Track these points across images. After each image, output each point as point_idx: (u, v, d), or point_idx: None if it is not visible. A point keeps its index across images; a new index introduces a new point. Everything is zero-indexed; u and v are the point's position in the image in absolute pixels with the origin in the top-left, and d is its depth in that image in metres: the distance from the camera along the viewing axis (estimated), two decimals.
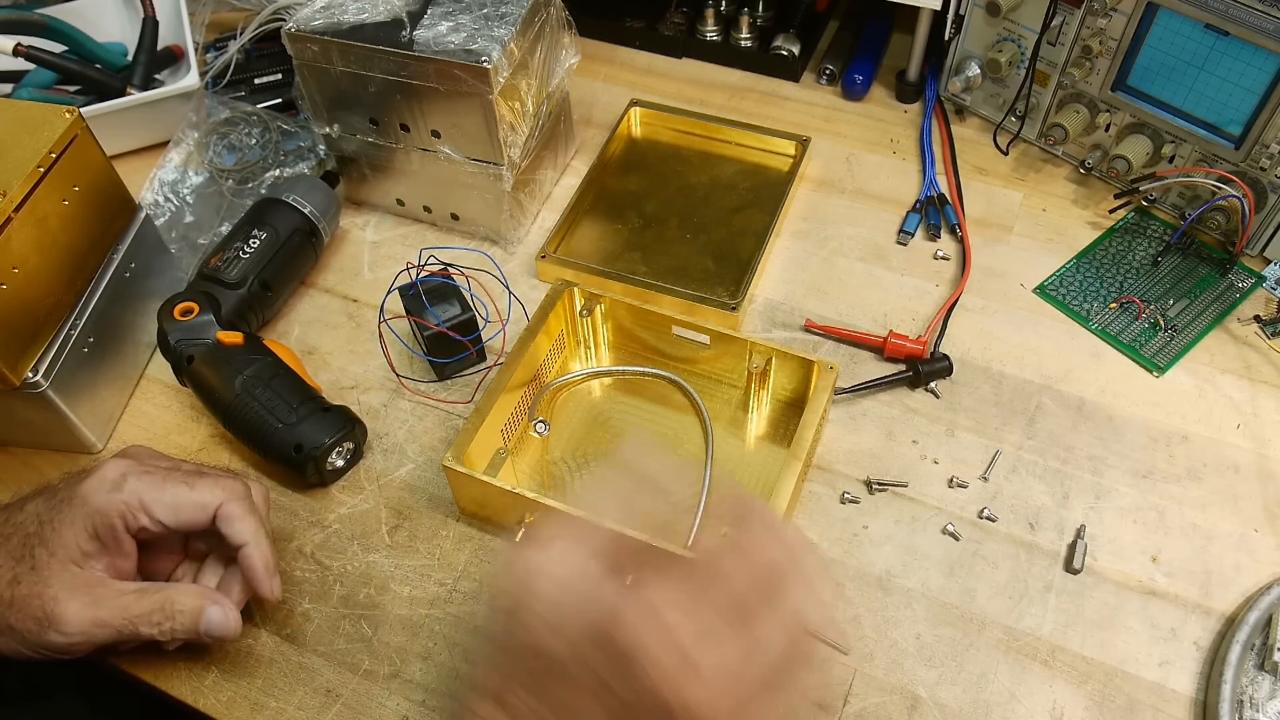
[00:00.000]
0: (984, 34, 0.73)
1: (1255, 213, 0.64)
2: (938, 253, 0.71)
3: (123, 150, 0.80)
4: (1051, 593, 0.54)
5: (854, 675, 0.52)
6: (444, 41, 0.62)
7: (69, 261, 0.59)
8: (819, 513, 0.58)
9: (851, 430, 0.61)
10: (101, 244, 0.62)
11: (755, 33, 0.84)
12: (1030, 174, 0.75)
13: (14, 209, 0.54)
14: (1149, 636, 0.53)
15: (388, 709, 0.52)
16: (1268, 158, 0.62)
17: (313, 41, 0.64)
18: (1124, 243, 0.70)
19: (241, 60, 0.82)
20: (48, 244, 0.57)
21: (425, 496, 0.60)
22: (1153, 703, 0.50)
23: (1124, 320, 0.66)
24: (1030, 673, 0.52)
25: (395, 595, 0.56)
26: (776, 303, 0.68)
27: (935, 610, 0.54)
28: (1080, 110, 0.70)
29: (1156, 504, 0.57)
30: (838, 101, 0.82)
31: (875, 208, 0.74)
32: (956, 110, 0.80)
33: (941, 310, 0.66)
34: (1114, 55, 0.67)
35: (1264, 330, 0.65)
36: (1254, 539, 0.56)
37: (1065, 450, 0.60)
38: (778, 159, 0.77)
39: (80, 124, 0.58)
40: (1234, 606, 0.53)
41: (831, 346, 0.66)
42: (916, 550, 0.56)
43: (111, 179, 0.62)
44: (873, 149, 0.78)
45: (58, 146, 0.57)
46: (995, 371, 0.64)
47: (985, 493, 0.58)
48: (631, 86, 0.84)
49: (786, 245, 0.72)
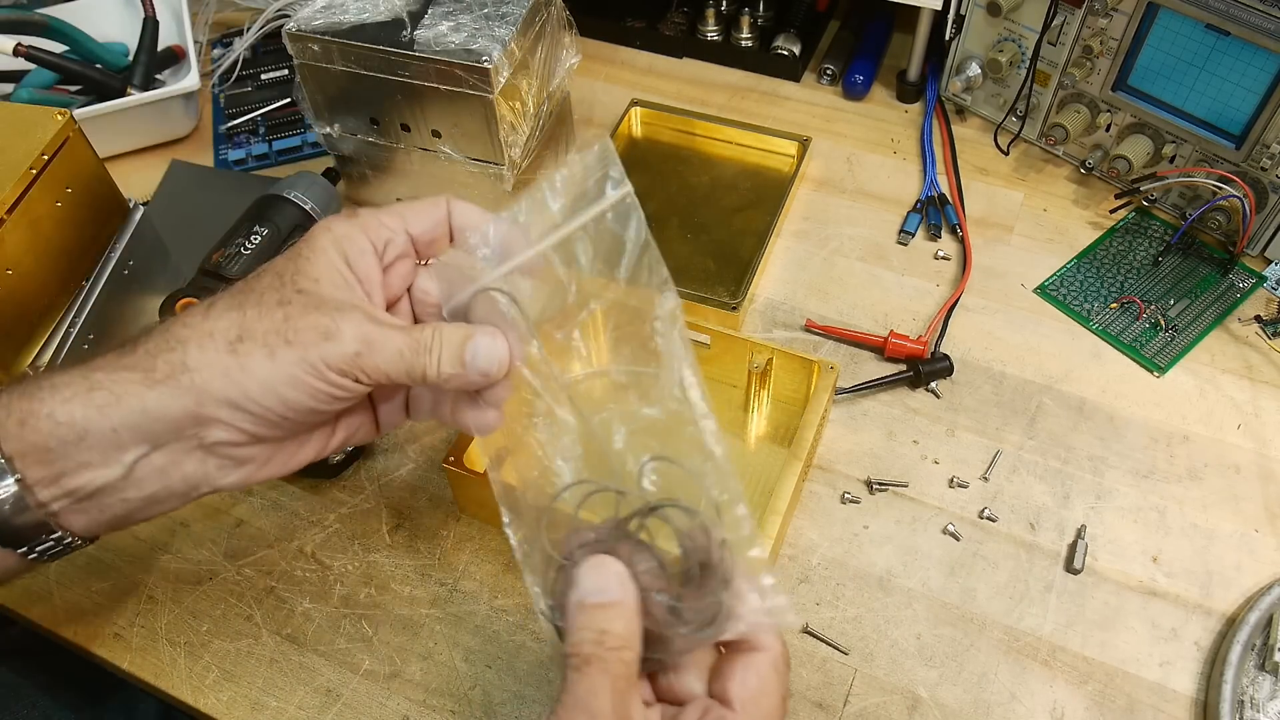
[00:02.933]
0: (985, 34, 0.73)
1: (1256, 213, 0.64)
2: (938, 253, 0.71)
3: (123, 150, 0.80)
4: (1052, 593, 0.54)
5: (854, 675, 0.52)
6: (444, 41, 0.62)
7: (63, 263, 0.59)
8: (819, 513, 0.58)
9: (852, 430, 0.61)
10: (95, 244, 0.62)
11: (756, 33, 0.84)
12: (1031, 174, 0.75)
13: (6, 211, 0.54)
14: (1149, 636, 0.53)
15: (388, 709, 0.52)
16: (1268, 158, 0.62)
17: (313, 41, 0.64)
18: (1125, 243, 0.70)
19: (248, 56, 0.82)
20: (41, 246, 0.57)
21: (425, 496, 0.60)
22: (1153, 703, 0.50)
23: (1125, 320, 0.66)
24: (1031, 673, 0.52)
25: (395, 595, 0.56)
26: (777, 303, 0.68)
27: (936, 610, 0.54)
28: (1081, 110, 0.70)
29: (1157, 504, 0.57)
30: (838, 101, 0.82)
31: (876, 208, 0.74)
32: (957, 110, 0.80)
33: (942, 310, 0.66)
34: (1115, 55, 0.67)
35: (1265, 330, 0.64)
36: (1255, 539, 0.56)
37: (1066, 450, 0.60)
38: (778, 159, 0.77)
39: (72, 126, 0.58)
40: (1235, 607, 0.53)
41: (832, 346, 0.66)
42: (917, 550, 0.56)
43: (104, 180, 0.62)
44: (873, 149, 0.78)
45: (50, 148, 0.57)
46: (996, 371, 0.64)
47: (986, 493, 0.58)
48: (632, 86, 0.84)
49: (787, 245, 0.72)
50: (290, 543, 0.58)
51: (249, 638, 0.54)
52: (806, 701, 0.51)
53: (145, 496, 0.40)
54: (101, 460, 0.39)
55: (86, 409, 0.38)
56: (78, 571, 0.57)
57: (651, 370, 0.41)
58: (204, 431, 0.39)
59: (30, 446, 0.38)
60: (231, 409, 0.39)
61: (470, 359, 0.41)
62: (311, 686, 0.53)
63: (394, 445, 0.62)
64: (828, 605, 0.54)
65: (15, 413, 0.39)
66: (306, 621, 0.55)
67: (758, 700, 0.37)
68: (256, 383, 0.39)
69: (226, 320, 0.39)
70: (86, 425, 0.38)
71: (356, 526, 0.59)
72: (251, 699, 0.52)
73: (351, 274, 0.42)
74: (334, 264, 0.41)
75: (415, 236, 0.44)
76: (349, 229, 0.42)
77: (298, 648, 0.54)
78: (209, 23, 0.86)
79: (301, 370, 0.39)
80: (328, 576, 0.57)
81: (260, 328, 0.39)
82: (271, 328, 0.39)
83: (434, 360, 0.41)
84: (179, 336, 0.39)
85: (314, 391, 0.39)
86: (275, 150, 0.80)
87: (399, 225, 0.43)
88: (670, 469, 0.40)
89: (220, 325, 0.39)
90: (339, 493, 0.60)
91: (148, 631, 0.55)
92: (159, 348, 0.39)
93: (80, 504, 0.40)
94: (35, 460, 0.38)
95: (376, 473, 0.61)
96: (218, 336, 0.39)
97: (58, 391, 0.39)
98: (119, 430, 0.39)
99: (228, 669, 0.53)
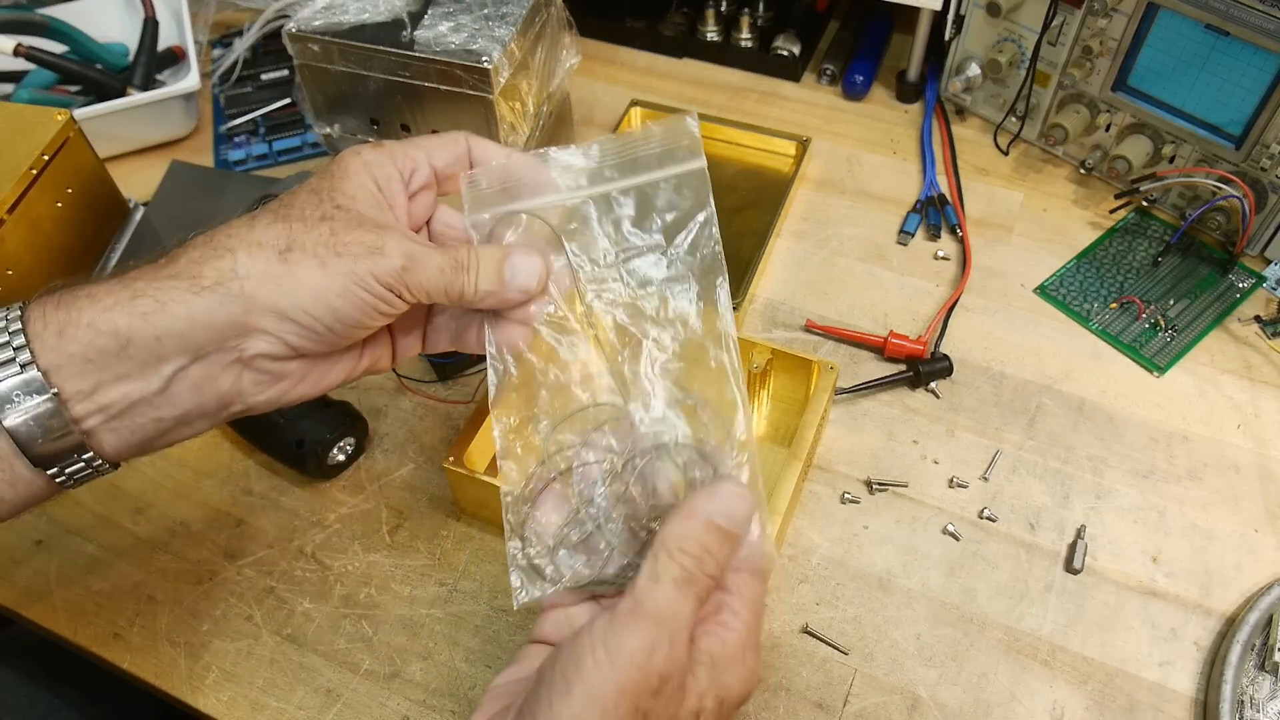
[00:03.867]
0: (984, 34, 0.73)
1: (1255, 213, 0.64)
2: (938, 253, 0.71)
3: (123, 151, 0.80)
4: (1052, 593, 0.54)
5: (854, 675, 0.52)
6: (444, 41, 0.62)
7: (63, 263, 0.59)
8: (819, 513, 0.58)
9: (852, 430, 0.61)
10: (95, 244, 0.62)
11: (755, 33, 0.84)
12: (1031, 174, 0.75)
13: (6, 211, 0.54)
14: (1149, 636, 0.53)
15: (388, 709, 0.52)
16: (1268, 158, 0.62)
17: (313, 41, 0.64)
18: (1124, 243, 0.70)
19: (249, 57, 0.82)
20: (41, 246, 0.57)
21: (425, 496, 0.60)
22: (1153, 703, 0.50)
23: (1124, 320, 0.66)
24: (1030, 673, 0.52)
25: (396, 595, 0.56)
26: (777, 303, 0.68)
27: (935, 610, 0.54)
28: (1080, 110, 0.70)
29: (1157, 504, 0.57)
30: (838, 101, 0.82)
31: (876, 208, 0.74)
32: (957, 110, 0.80)
33: (942, 310, 0.66)
34: (1114, 55, 0.67)
35: (1264, 330, 0.65)
36: (1254, 539, 0.56)
37: (1065, 450, 0.60)
38: (778, 159, 0.77)
39: (72, 126, 0.58)
40: (1234, 607, 0.53)
41: (832, 346, 0.66)
42: (917, 550, 0.56)
43: (104, 180, 0.62)
44: (873, 149, 0.78)
45: (50, 149, 0.57)
46: (996, 372, 0.64)
47: (985, 493, 0.58)
48: (632, 87, 0.84)
49: (787, 245, 0.72)
50: (290, 543, 0.58)
51: (249, 638, 0.54)
52: (806, 701, 0.51)
53: (178, 415, 0.40)
54: (140, 372, 0.39)
55: (130, 317, 0.38)
56: (78, 571, 0.57)
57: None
58: (246, 342, 0.39)
59: (68, 358, 0.38)
60: (279, 319, 0.39)
61: (510, 276, 0.42)
62: (311, 686, 0.53)
63: (394, 445, 0.62)
64: (827, 605, 0.54)
65: (52, 323, 0.38)
66: (306, 621, 0.55)
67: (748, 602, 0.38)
68: (307, 292, 0.39)
69: (274, 231, 0.39)
70: (130, 334, 0.38)
71: (356, 526, 0.59)
72: (251, 699, 0.52)
73: (382, 197, 0.42)
74: (366, 185, 0.42)
75: (438, 169, 0.44)
76: (378, 155, 0.43)
77: (298, 648, 0.54)
78: (209, 23, 0.86)
79: (352, 282, 0.39)
80: (328, 576, 0.57)
81: (309, 239, 0.39)
82: (320, 239, 0.39)
83: (471, 279, 0.42)
84: (226, 245, 0.39)
85: (361, 304, 0.40)
86: (275, 150, 0.80)
87: (423, 157, 0.44)
88: (691, 410, 0.42)
89: (269, 235, 0.39)
90: (339, 493, 0.60)
91: (148, 631, 0.55)
92: (205, 256, 0.39)
93: (112, 421, 0.39)
94: (73, 372, 0.38)
95: (376, 473, 0.61)
96: (266, 246, 0.39)
97: (97, 300, 0.38)
98: (162, 339, 0.38)
99: (228, 669, 0.53)
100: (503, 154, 0.45)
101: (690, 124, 0.44)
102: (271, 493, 0.60)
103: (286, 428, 0.58)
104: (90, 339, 0.38)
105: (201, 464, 0.62)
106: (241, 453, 0.62)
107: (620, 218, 0.44)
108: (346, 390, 0.65)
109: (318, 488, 0.60)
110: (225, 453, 0.62)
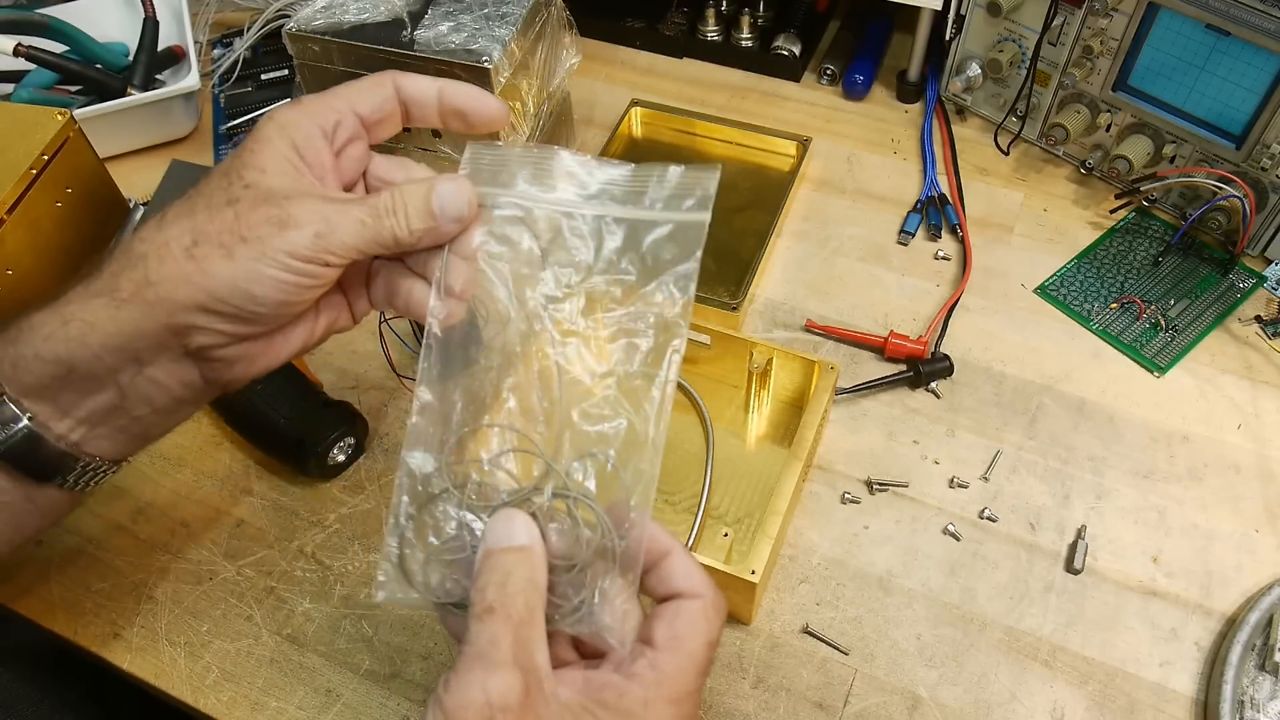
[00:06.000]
0: (985, 34, 0.73)
1: (1256, 213, 0.64)
2: (938, 253, 0.71)
3: (123, 150, 0.80)
4: (1052, 593, 0.54)
5: (854, 675, 0.52)
6: (445, 41, 0.62)
7: (63, 263, 0.59)
8: (819, 513, 0.58)
9: (852, 430, 0.61)
10: (95, 244, 0.62)
11: (756, 33, 0.84)
12: (1031, 174, 0.75)
13: (6, 211, 0.54)
14: (1150, 637, 0.53)
15: (388, 709, 0.52)
16: (1268, 158, 0.62)
17: (313, 41, 0.64)
18: (1125, 243, 0.70)
19: (249, 56, 0.82)
20: (41, 246, 0.57)
21: None
22: (1153, 703, 0.50)
23: (1125, 320, 0.66)
24: (1031, 673, 0.52)
25: None
26: (777, 303, 0.68)
27: (936, 610, 0.54)
28: (1081, 110, 0.70)
29: (1157, 504, 0.57)
30: (838, 101, 0.82)
31: (876, 208, 0.74)
32: (957, 110, 0.80)
33: (942, 310, 0.66)
34: (1115, 55, 0.67)
35: (1265, 330, 0.64)
36: (1255, 539, 0.56)
37: (1066, 450, 0.60)
38: (778, 159, 0.77)
39: (72, 126, 0.58)
40: (1235, 607, 0.53)
41: (832, 346, 0.66)
42: (917, 550, 0.56)
43: (104, 180, 0.62)
44: (873, 149, 0.78)
45: (50, 149, 0.57)
46: (996, 371, 0.64)
47: (986, 493, 0.58)
48: (632, 86, 0.84)
49: (787, 245, 0.72)
50: (290, 543, 0.58)
51: (249, 638, 0.54)
52: (806, 702, 0.51)
53: (155, 410, 0.41)
54: (97, 386, 0.40)
55: (67, 343, 0.39)
56: (78, 571, 0.57)
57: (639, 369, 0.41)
58: (185, 339, 0.39)
59: (26, 389, 0.39)
60: (204, 313, 0.39)
61: (440, 209, 0.40)
62: (311, 686, 0.53)
63: (394, 445, 0.62)
64: (828, 605, 0.54)
65: (5, 359, 0.40)
66: (306, 621, 0.55)
67: (681, 640, 0.37)
68: (221, 284, 0.38)
69: (179, 227, 0.39)
70: (71, 359, 0.39)
71: (356, 526, 0.59)
72: (251, 699, 0.52)
73: (300, 160, 0.41)
74: (280, 152, 0.40)
75: (364, 117, 0.43)
76: (294, 114, 0.41)
77: (298, 648, 0.54)
78: (209, 23, 0.86)
79: (264, 264, 0.38)
80: (328, 576, 0.57)
81: (212, 229, 0.39)
82: (224, 227, 0.39)
83: (401, 220, 0.40)
84: (138, 252, 0.39)
85: (280, 283, 0.39)
86: None
87: (345, 107, 0.42)
88: (603, 466, 0.40)
89: (174, 233, 0.39)
90: (339, 493, 0.60)
91: (148, 631, 0.55)
92: (121, 267, 0.39)
93: (96, 430, 0.41)
94: (37, 398, 0.40)
95: (376, 473, 0.61)
96: (173, 245, 0.39)
97: (36, 331, 0.39)
98: (102, 356, 0.39)
99: (228, 669, 0.53)
100: (434, 85, 0.43)
101: (711, 177, 0.42)
102: (271, 493, 0.60)
103: (286, 428, 0.58)
104: (40, 370, 0.39)
105: (201, 464, 0.62)
106: (241, 453, 0.62)
107: (604, 245, 0.42)
108: (346, 390, 0.65)
109: (318, 488, 0.60)
110: (225, 453, 0.62)
